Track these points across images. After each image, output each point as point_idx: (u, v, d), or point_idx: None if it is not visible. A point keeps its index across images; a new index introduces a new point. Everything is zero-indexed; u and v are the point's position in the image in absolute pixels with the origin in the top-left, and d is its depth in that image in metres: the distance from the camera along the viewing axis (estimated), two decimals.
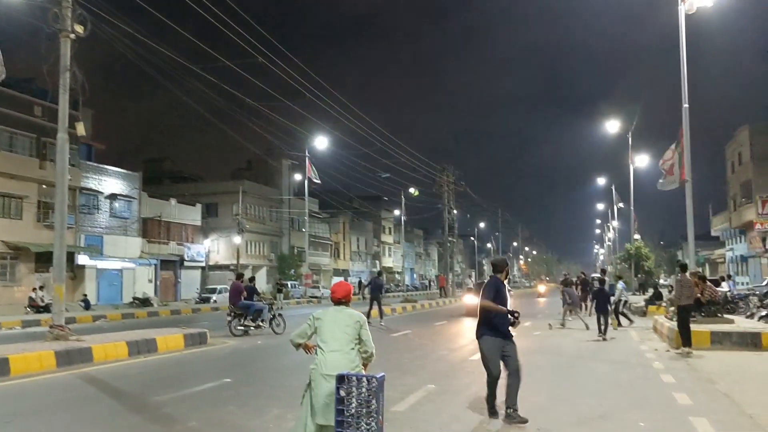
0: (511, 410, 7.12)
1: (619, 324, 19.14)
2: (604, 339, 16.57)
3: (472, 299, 24.86)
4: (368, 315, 22.52)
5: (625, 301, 20.82)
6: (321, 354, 5.12)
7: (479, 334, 7.39)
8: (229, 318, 18.99)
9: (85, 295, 36.78)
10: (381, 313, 23.35)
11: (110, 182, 42.40)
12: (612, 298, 18.51)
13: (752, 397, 8.38)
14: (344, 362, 5.00)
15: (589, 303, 23.79)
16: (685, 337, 13.14)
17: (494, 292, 7.31)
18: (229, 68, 23.87)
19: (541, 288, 53.99)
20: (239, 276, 20.83)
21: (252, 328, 18.90)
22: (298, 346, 5.45)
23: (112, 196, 42.25)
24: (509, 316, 7.32)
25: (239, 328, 18.75)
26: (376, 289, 24.02)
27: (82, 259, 39.21)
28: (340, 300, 5.46)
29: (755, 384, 9.39)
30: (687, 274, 14.08)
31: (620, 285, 20.54)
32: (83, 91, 15.46)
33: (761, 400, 8.18)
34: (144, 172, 47.74)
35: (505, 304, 7.28)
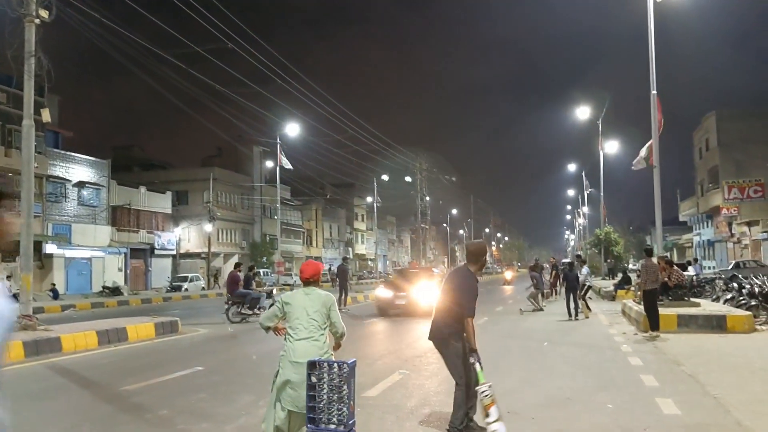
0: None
1: (589, 310, 19.22)
2: (576, 319, 17.08)
3: (386, 293, 21.42)
4: (339, 302, 22.67)
5: (589, 287, 20.50)
6: (290, 341, 5.09)
7: (450, 336, 5.95)
8: (226, 305, 19.02)
9: (54, 285, 36.29)
10: (344, 299, 23.55)
11: (78, 170, 41.78)
12: (580, 279, 18.75)
13: (716, 378, 8.57)
14: (313, 350, 4.97)
15: (559, 287, 24.14)
16: (652, 321, 13.43)
17: (474, 295, 5.88)
18: (199, 54, 23.61)
19: (508, 275, 52.49)
20: (237, 265, 21.14)
21: (250, 315, 18.94)
22: (267, 329, 5.42)
23: (80, 184, 41.66)
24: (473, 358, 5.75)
25: (237, 315, 18.81)
26: (341, 275, 24.21)
27: (50, 248, 38.67)
28: (308, 280, 5.37)
29: (720, 366, 9.60)
30: (653, 258, 14.33)
31: (584, 270, 20.40)
32: (49, 77, 15.19)
33: (725, 381, 8.37)
34: (113, 159, 47.12)
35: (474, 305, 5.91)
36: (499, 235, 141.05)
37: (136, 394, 8.45)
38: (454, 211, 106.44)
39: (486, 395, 5.38)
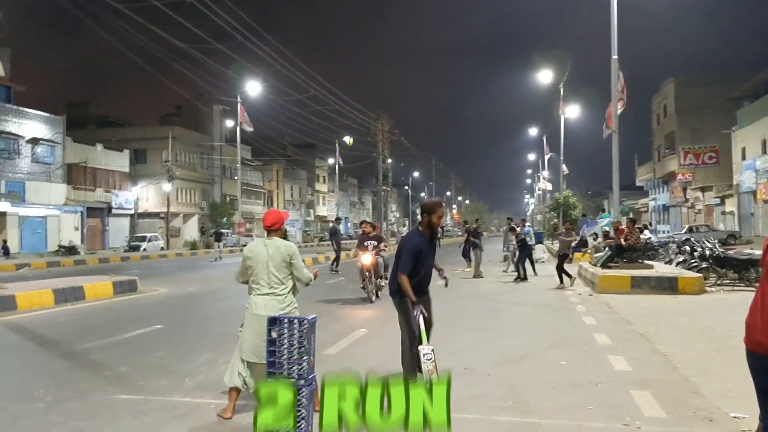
0: None
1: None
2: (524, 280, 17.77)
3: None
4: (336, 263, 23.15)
5: (530, 247, 19.93)
6: (254, 295, 5.24)
7: (394, 292, 5.98)
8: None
9: (5, 241, 35.54)
10: (337, 260, 23.48)
11: (31, 126, 40.63)
12: (528, 242, 19.23)
13: (666, 336, 8.85)
14: (274, 304, 5.14)
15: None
16: (561, 277, 16.48)
17: (413, 257, 5.77)
18: (157, 8, 22.95)
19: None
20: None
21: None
22: (244, 282, 5.48)
23: (34, 141, 40.55)
24: (441, 274, 6.29)
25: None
26: (333, 235, 24.52)
27: (2, 206, 37.70)
28: (270, 228, 5.44)
29: (670, 325, 9.91)
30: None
31: (526, 230, 20.02)
32: (2, 29, 14.66)
33: (674, 339, 8.65)
34: (68, 116, 45.79)
35: (429, 269, 6.00)
36: (460, 198, 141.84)
37: (94, 351, 8.40)
38: (416, 174, 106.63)
39: (428, 359, 5.27)
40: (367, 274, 13.33)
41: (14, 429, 5.14)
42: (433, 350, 5.34)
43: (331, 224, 26.98)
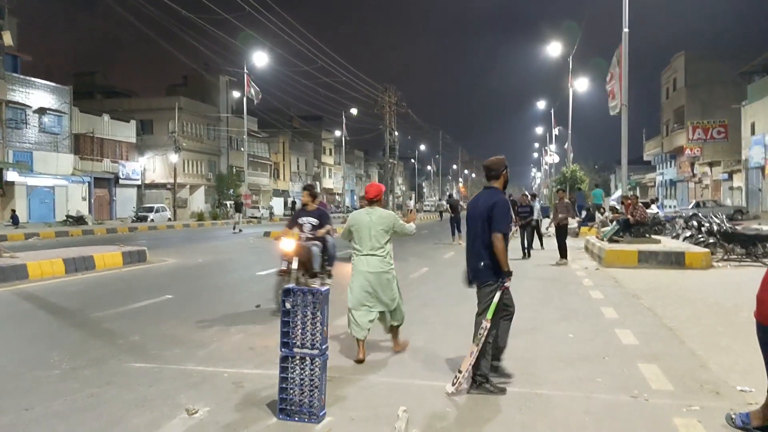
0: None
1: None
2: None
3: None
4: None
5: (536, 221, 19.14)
6: (356, 255, 6.34)
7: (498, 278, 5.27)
8: None
9: (14, 211, 35.72)
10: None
11: (39, 96, 40.58)
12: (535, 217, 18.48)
13: (672, 311, 8.91)
14: (375, 262, 6.26)
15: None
16: (562, 251, 16.02)
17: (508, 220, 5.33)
18: None
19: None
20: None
21: None
22: (349, 241, 6.49)
23: (41, 111, 40.53)
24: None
25: None
26: (453, 208, 24.14)
27: (11, 175, 37.84)
28: (372, 200, 6.43)
29: (677, 300, 9.95)
30: (565, 199, 17.57)
31: (536, 204, 19.21)
32: None
33: (681, 314, 8.71)
34: (75, 86, 45.74)
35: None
36: (466, 171, 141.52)
37: (106, 320, 8.50)
38: (423, 147, 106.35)
39: (480, 333, 5.19)
40: (288, 266, 8.64)
41: (33, 395, 5.23)
42: (491, 323, 5.22)
43: (447, 196, 27.03)
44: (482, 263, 5.27)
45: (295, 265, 8.49)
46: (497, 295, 5.18)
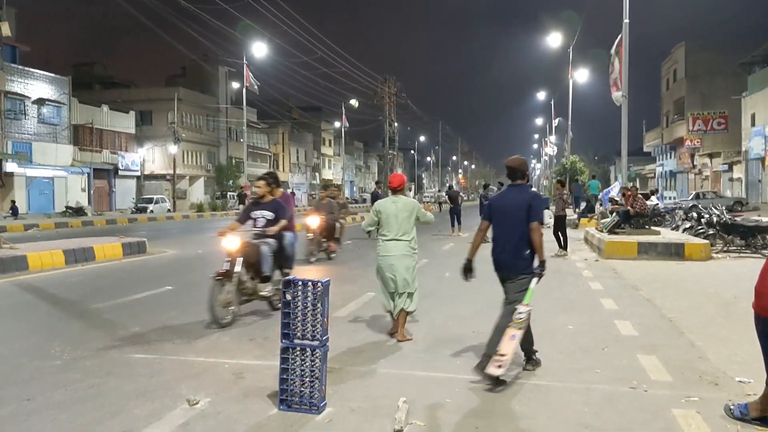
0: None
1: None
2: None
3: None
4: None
5: None
6: (383, 241, 6.80)
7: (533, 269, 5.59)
8: None
9: (14, 202, 35.72)
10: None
11: (37, 86, 40.51)
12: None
13: (672, 302, 8.93)
14: (401, 246, 6.75)
15: None
16: (560, 242, 15.85)
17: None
18: None
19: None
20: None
21: None
22: (369, 233, 7.08)
23: (40, 101, 40.47)
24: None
25: None
26: (453, 200, 23.98)
27: (10, 166, 37.83)
28: (396, 189, 6.97)
29: (676, 291, 9.98)
30: (565, 190, 17.72)
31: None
32: None
33: (680, 305, 8.73)
34: (73, 76, 45.62)
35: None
36: (466, 162, 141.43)
37: (106, 311, 8.52)
38: (422, 138, 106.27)
39: (520, 317, 5.35)
40: (230, 267, 7.54)
41: (34, 385, 5.25)
42: (529, 311, 5.47)
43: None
44: (522, 255, 5.49)
45: (238, 267, 7.52)
46: (534, 281, 5.47)
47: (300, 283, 4.67)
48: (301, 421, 4.42)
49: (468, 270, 5.93)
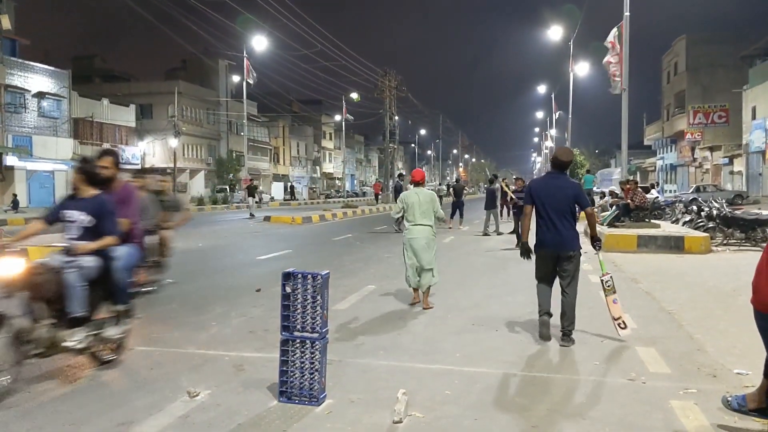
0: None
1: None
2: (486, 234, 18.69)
3: None
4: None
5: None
6: (409, 226, 8.09)
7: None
8: None
9: (15, 195, 35.71)
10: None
11: (37, 80, 40.45)
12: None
13: (672, 295, 8.94)
14: (424, 229, 8.01)
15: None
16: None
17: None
18: None
19: None
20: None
21: None
22: (397, 220, 8.34)
23: (40, 95, 40.42)
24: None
25: None
26: (457, 193, 23.88)
27: (10, 160, 37.80)
28: (418, 182, 8.44)
29: (675, 283, 9.99)
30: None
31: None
32: None
33: (680, 297, 8.75)
34: (73, 70, 45.55)
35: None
36: (467, 156, 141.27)
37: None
38: (423, 132, 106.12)
39: (609, 284, 6.57)
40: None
41: (35, 377, 5.26)
42: (611, 276, 6.74)
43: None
44: (573, 234, 6.29)
45: (16, 306, 4.75)
46: (600, 254, 6.70)
47: (300, 275, 4.68)
48: (300, 413, 4.44)
49: (527, 251, 6.64)
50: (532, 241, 6.51)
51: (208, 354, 5.98)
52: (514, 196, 15.62)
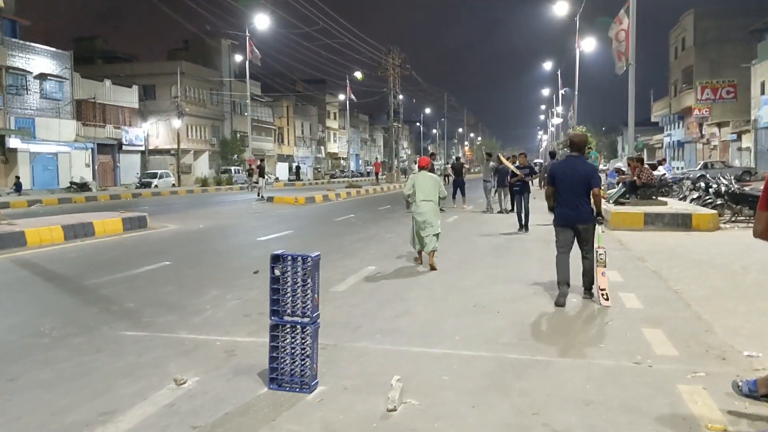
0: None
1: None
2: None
3: None
4: (454, 201, 22.17)
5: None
6: (416, 202, 9.41)
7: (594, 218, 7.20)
8: None
9: (18, 178, 35.60)
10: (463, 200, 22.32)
11: (39, 61, 40.15)
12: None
13: (678, 273, 8.72)
14: (429, 205, 9.37)
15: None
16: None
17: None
18: None
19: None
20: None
21: None
22: (408, 196, 9.66)
23: (42, 76, 40.13)
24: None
25: None
26: (457, 172, 23.29)
27: (13, 142, 37.62)
28: (423, 167, 9.90)
29: (683, 262, 9.76)
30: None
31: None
32: None
33: (687, 276, 8.52)
34: (75, 51, 45.23)
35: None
36: (472, 135, 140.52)
37: (101, 287, 8.38)
38: (428, 110, 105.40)
39: (602, 257, 7.22)
40: None
41: (21, 364, 5.12)
42: (605, 251, 7.35)
43: (453, 159, 26.86)
44: (588, 209, 7.06)
45: None
46: (599, 228, 7.22)
47: (289, 257, 4.49)
48: (291, 401, 4.26)
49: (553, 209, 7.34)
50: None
51: (199, 339, 5.81)
52: (518, 172, 15.22)
